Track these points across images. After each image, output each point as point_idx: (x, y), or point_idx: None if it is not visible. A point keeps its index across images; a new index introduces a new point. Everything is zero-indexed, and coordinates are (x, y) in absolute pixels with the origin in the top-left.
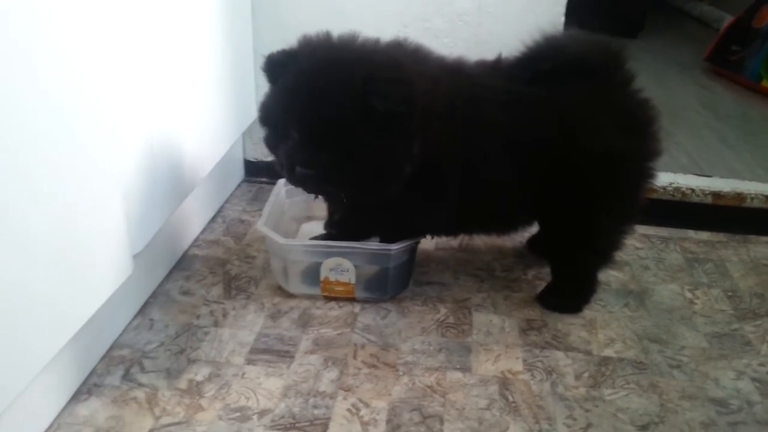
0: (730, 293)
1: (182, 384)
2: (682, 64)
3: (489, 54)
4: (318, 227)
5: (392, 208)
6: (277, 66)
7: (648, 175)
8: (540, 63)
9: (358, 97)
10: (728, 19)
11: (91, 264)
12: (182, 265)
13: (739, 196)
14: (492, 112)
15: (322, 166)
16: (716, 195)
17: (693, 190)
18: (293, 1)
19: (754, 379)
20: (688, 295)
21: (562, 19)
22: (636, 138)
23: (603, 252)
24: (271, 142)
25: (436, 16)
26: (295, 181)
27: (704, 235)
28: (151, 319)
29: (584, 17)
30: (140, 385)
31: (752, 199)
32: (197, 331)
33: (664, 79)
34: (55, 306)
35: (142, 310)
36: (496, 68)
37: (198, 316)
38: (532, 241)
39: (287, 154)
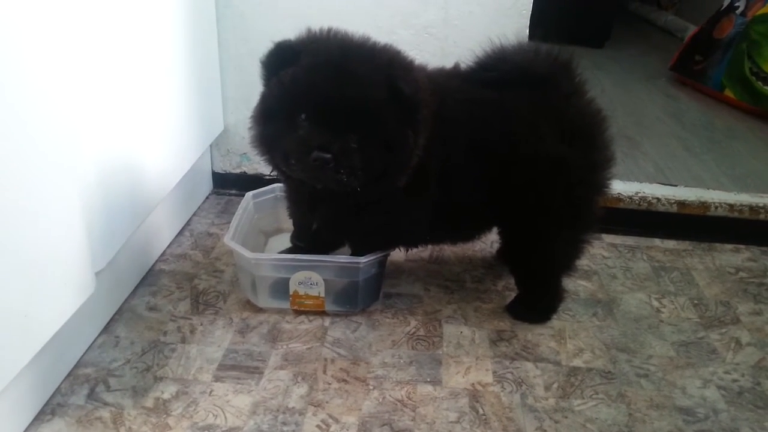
0: (696, 301)
1: (149, 402)
2: (648, 73)
3: None
4: (287, 240)
5: (377, 209)
6: (289, 54)
7: (597, 184)
8: (487, 71)
9: (384, 80)
10: (692, 29)
11: (50, 282)
12: (149, 280)
13: (704, 205)
14: (458, 110)
15: (342, 150)
16: (681, 204)
17: (659, 199)
18: (259, 13)
19: (720, 387)
20: (655, 303)
21: (527, 31)
22: (580, 147)
23: (559, 260)
24: (274, 136)
25: (402, 28)
26: (308, 168)
27: (670, 244)
28: (116, 337)
29: (550, 28)
30: (105, 404)
31: (716, 207)
32: (164, 348)
33: (630, 88)
34: (15, 325)
35: (108, 327)
36: (454, 75)
37: (165, 333)
38: (501, 252)
39: (301, 141)
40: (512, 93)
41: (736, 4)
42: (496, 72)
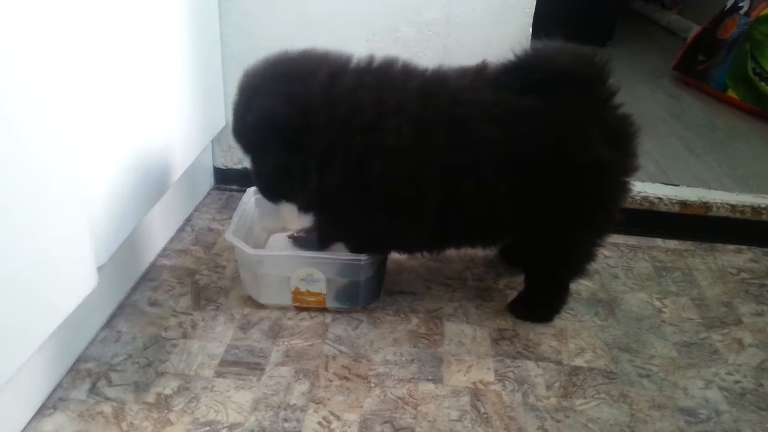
0: (697, 302)
1: (150, 398)
2: (651, 72)
3: (457, 63)
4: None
5: (358, 224)
6: None
7: (626, 189)
8: (530, 73)
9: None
10: (695, 29)
11: (53, 277)
12: (150, 275)
13: (706, 205)
14: (482, 128)
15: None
16: (683, 204)
17: (661, 199)
18: (261, 10)
19: (722, 388)
20: (657, 303)
21: (530, 29)
22: (618, 152)
23: (578, 264)
24: None
25: (405, 25)
26: None
27: (672, 244)
28: (118, 332)
29: (553, 26)
30: (107, 399)
31: (718, 208)
32: (165, 344)
33: (633, 88)
34: (18, 320)
35: (109, 322)
36: (481, 76)
37: (166, 328)
38: (504, 251)
39: None
40: (555, 97)
41: (740, 5)
42: (539, 73)
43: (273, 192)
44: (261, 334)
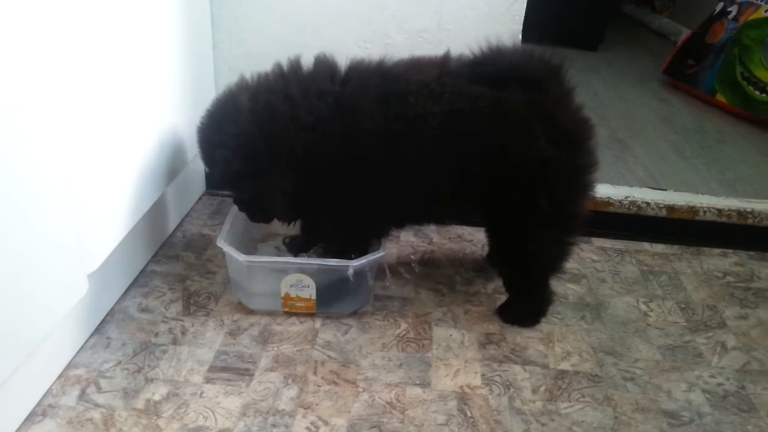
0: (683, 305)
1: (139, 404)
2: (641, 76)
3: None
4: (279, 243)
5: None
6: None
7: (582, 187)
8: (481, 67)
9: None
10: (685, 33)
11: (42, 285)
12: (141, 281)
13: (692, 210)
14: (420, 105)
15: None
16: (670, 208)
17: (648, 204)
18: (254, 15)
19: (705, 391)
20: (643, 307)
21: (519, 36)
22: (569, 150)
23: (543, 260)
24: None
25: (396, 32)
26: None
27: (659, 248)
28: (108, 338)
29: (545, 30)
30: (96, 405)
31: (705, 212)
32: (155, 350)
33: (622, 91)
34: (7, 328)
35: (99, 328)
36: (440, 64)
37: (156, 334)
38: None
39: None
40: (502, 90)
41: (729, 9)
42: (490, 67)
43: (256, 217)
44: (250, 340)
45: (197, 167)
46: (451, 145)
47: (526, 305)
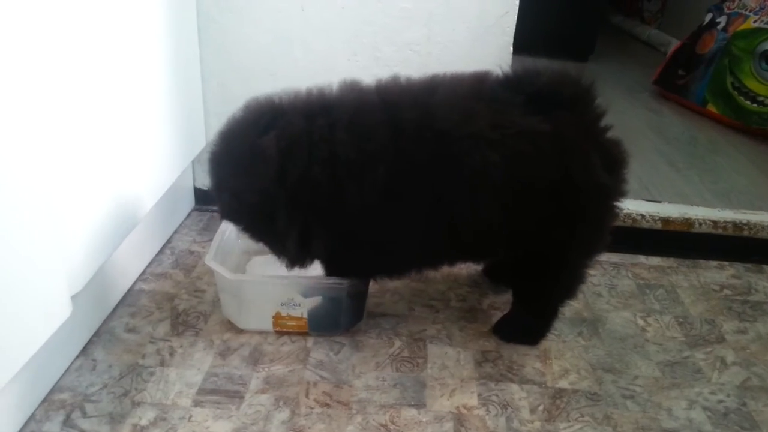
0: (681, 320)
1: (126, 429)
2: (632, 87)
3: None
4: (271, 260)
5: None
6: None
7: (616, 213)
8: (517, 90)
9: None
10: (675, 43)
11: (23, 307)
12: (128, 300)
13: (688, 222)
14: (478, 161)
15: None
16: (665, 221)
17: (643, 216)
18: (241, 28)
19: (705, 408)
20: (641, 322)
21: (510, 48)
22: (613, 176)
23: (570, 287)
24: None
25: (385, 45)
26: None
27: (655, 261)
28: (93, 360)
29: (535, 43)
30: (82, 431)
31: (700, 224)
32: (142, 372)
33: (614, 102)
34: None
35: (85, 350)
36: (478, 94)
37: (144, 356)
38: (489, 269)
39: None
40: (557, 119)
41: (718, 20)
42: (528, 87)
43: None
44: (241, 361)
45: (186, 183)
46: (513, 187)
47: (531, 324)
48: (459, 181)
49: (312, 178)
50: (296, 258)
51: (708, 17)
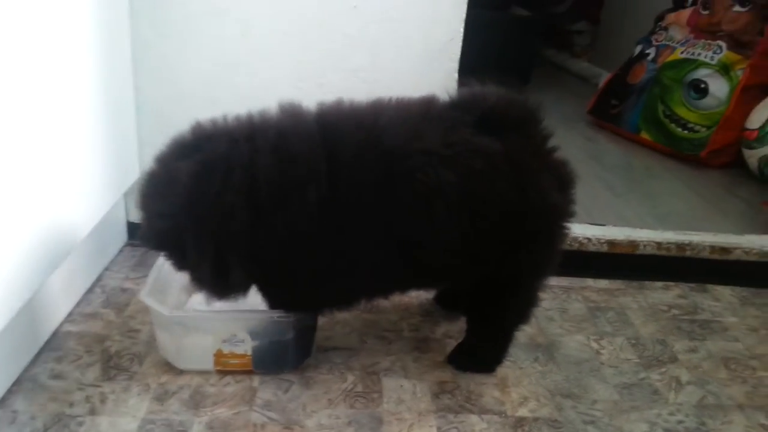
0: (633, 341)
1: None
2: (567, 116)
3: None
4: None
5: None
6: None
7: (566, 234)
8: (463, 112)
9: None
10: (605, 75)
11: None
12: (53, 344)
13: (633, 244)
14: (433, 178)
15: None
16: (611, 243)
17: (589, 239)
18: (180, 53)
19: (666, 430)
20: (594, 345)
21: (455, 74)
22: (565, 197)
23: (524, 311)
24: None
25: (331, 71)
26: None
27: (603, 283)
28: (13, 411)
29: (472, 72)
30: None
31: (644, 246)
32: (70, 422)
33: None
34: None
35: (3, 401)
36: (427, 115)
37: (71, 404)
38: (441, 297)
39: None
40: (508, 139)
41: (647, 52)
42: (474, 112)
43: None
44: (180, 405)
45: (117, 216)
46: (469, 207)
47: (486, 351)
48: (411, 200)
49: (224, 205)
50: (213, 289)
51: (638, 49)
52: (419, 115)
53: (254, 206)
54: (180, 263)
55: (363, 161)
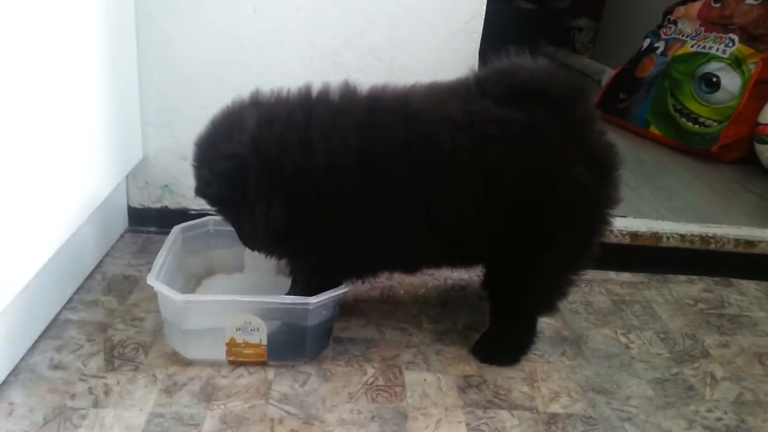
0: (662, 335)
1: None
2: None
3: None
4: (223, 282)
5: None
6: None
7: (605, 221)
8: (503, 83)
9: None
10: (607, 71)
11: None
12: (52, 332)
13: (656, 236)
14: (447, 141)
15: None
16: (634, 235)
17: (611, 231)
18: (186, 32)
19: (705, 427)
20: (623, 339)
21: (477, 55)
22: (599, 178)
23: (548, 296)
24: None
25: (345, 50)
26: None
27: (626, 276)
28: (10, 404)
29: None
30: None
31: (668, 238)
32: (72, 415)
33: None
34: None
35: (0, 392)
36: (455, 87)
37: (73, 396)
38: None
39: None
40: (534, 112)
41: (656, 45)
42: (509, 78)
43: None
44: (191, 397)
45: (119, 201)
46: (482, 174)
47: (509, 340)
48: (428, 162)
49: (287, 144)
50: (264, 235)
51: (646, 42)
52: (447, 87)
53: (308, 148)
54: (235, 210)
55: (392, 122)
